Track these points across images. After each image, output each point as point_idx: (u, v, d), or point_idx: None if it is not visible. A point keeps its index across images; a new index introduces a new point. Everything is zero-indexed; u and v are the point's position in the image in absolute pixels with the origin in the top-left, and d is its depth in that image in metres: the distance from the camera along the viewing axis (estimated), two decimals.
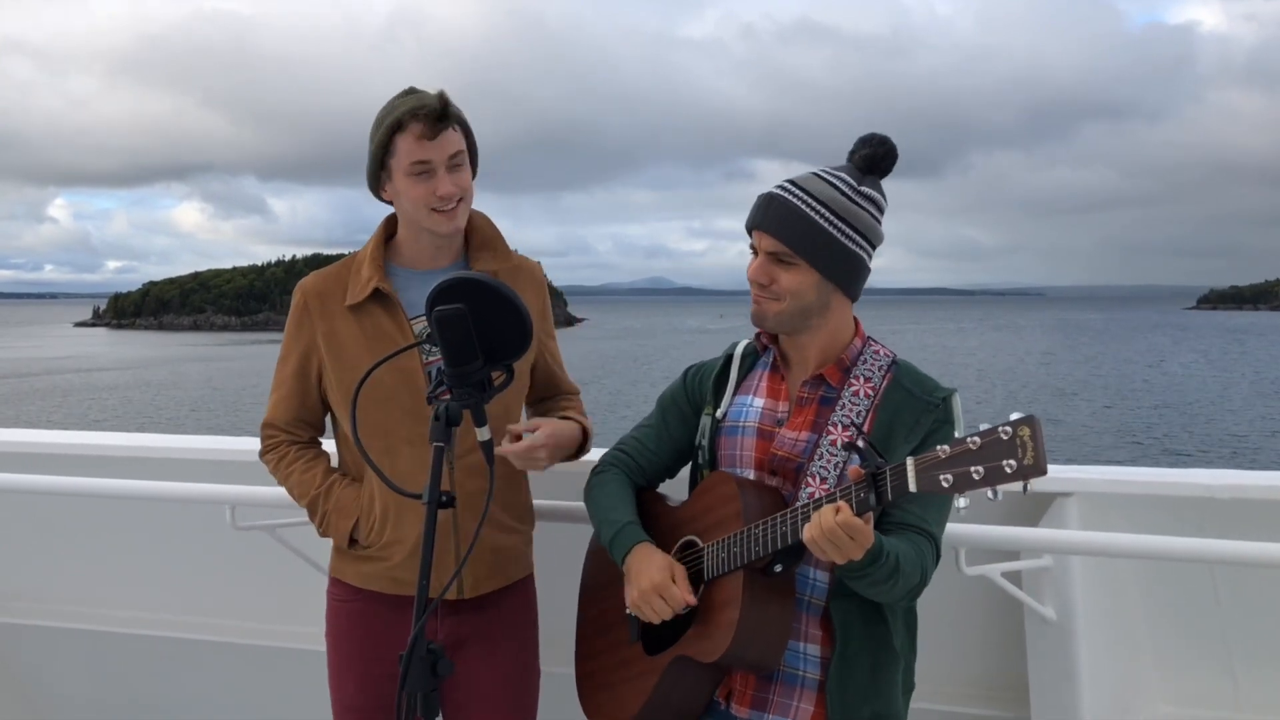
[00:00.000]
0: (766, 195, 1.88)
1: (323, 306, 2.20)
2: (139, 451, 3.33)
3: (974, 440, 1.51)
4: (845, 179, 1.87)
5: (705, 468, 2.02)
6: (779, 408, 1.96)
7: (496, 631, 2.25)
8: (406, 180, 2.09)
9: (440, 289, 1.64)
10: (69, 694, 3.49)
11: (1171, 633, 2.68)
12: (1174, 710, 2.68)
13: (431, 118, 2.06)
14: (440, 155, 2.09)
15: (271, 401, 2.29)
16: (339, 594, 2.28)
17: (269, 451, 2.30)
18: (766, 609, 1.82)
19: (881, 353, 1.96)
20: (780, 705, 1.90)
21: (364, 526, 2.17)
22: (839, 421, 1.87)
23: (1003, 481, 1.47)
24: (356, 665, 2.24)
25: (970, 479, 1.50)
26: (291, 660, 3.17)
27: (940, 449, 1.54)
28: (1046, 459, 1.46)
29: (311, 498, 2.21)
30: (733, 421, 1.98)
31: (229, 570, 3.22)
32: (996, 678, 2.74)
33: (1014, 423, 1.48)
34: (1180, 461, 24.81)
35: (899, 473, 1.59)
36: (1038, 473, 1.46)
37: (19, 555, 3.49)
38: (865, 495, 1.62)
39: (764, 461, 1.93)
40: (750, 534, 1.80)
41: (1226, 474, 2.59)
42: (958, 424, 1.89)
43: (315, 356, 2.21)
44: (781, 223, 1.85)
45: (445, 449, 1.62)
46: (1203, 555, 2.27)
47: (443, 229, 2.14)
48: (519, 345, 1.67)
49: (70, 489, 2.96)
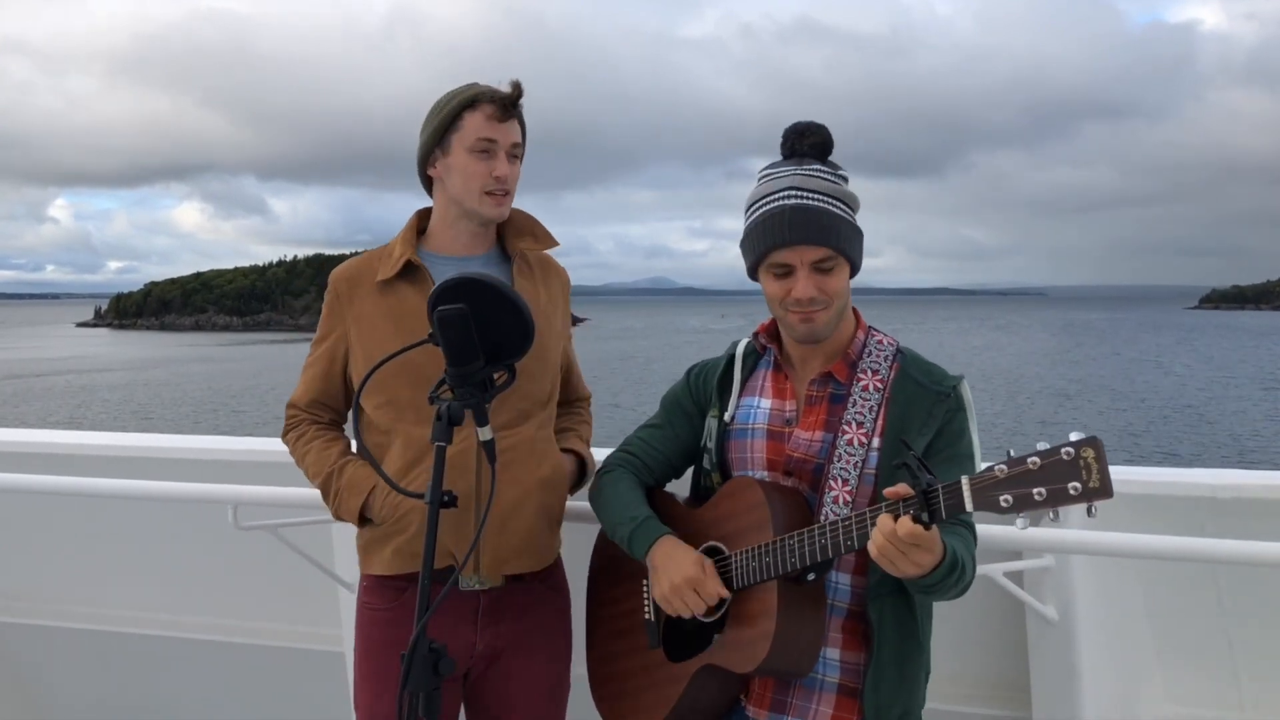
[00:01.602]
0: (786, 209, 1.83)
1: (352, 291, 2.21)
2: (141, 451, 3.33)
3: (1033, 460, 1.48)
4: (827, 172, 1.87)
5: (713, 471, 2.00)
6: (786, 407, 1.95)
7: (534, 643, 2.23)
8: (467, 156, 2.11)
9: (442, 289, 1.65)
10: (72, 694, 3.49)
11: (1173, 633, 2.68)
12: (1176, 710, 2.67)
13: (506, 103, 2.11)
14: (505, 139, 2.13)
15: (300, 383, 2.31)
16: (373, 601, 2.23)
17: (290, 430, 2.31)
18: (801, 618, 1.81)
19: (885, 342, 1.95)
20: (799, 708, 1.89)
21: (378, 499, 2.14)
22: (853, 419, 1.87)
23: (1066, 503, 1.45)
24: (390, 675, 2.16)
25: (1032, 500, 1.47)
26: (294, 659, 3.17)
27: (997, 467, 1.51)
28: (1112, 481, 1.43)
29: (325, 475, 2.20)
30: (741, 424, 1.97)
31: (231, 570, 3.23)
32: (998, 677, 2.74)
33: (1076, 444, 1.45)
34: (1182, 461, 24.78)
35: (954, 492, 1.55)
36: (1104, 495, 1.44)
37: (21, 555, 3.49)
38: (918, 513, 1.58)
39: (776, 463, 1.92)
40: (785, 545, 1.78)
41: (1229, 474, 2.58)
42: (969, 410, 1.88)
43: (344, 342, 2.23)
44: (823, 230, 1.83)
45: (447, 447, 1.62)
46: (1205, 555, 2.27)
47: (490, 212, 2.16)
48: (520, 345, 1.67)
49: (73, 489, 2.96)
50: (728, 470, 1.99)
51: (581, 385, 2.50)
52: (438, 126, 2.15)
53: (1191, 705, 2.66)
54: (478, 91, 2.13)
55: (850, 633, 1.89)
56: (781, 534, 1.80)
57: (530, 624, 2.22)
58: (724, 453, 1.99)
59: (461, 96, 2.13)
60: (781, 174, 1.87)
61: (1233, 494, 2.48)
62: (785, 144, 1.91)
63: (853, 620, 1.89)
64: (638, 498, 2.04)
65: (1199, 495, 2.51)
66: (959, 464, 1.85)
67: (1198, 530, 2.46)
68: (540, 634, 2.24)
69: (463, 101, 2.12)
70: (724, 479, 1.99)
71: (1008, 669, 2.70)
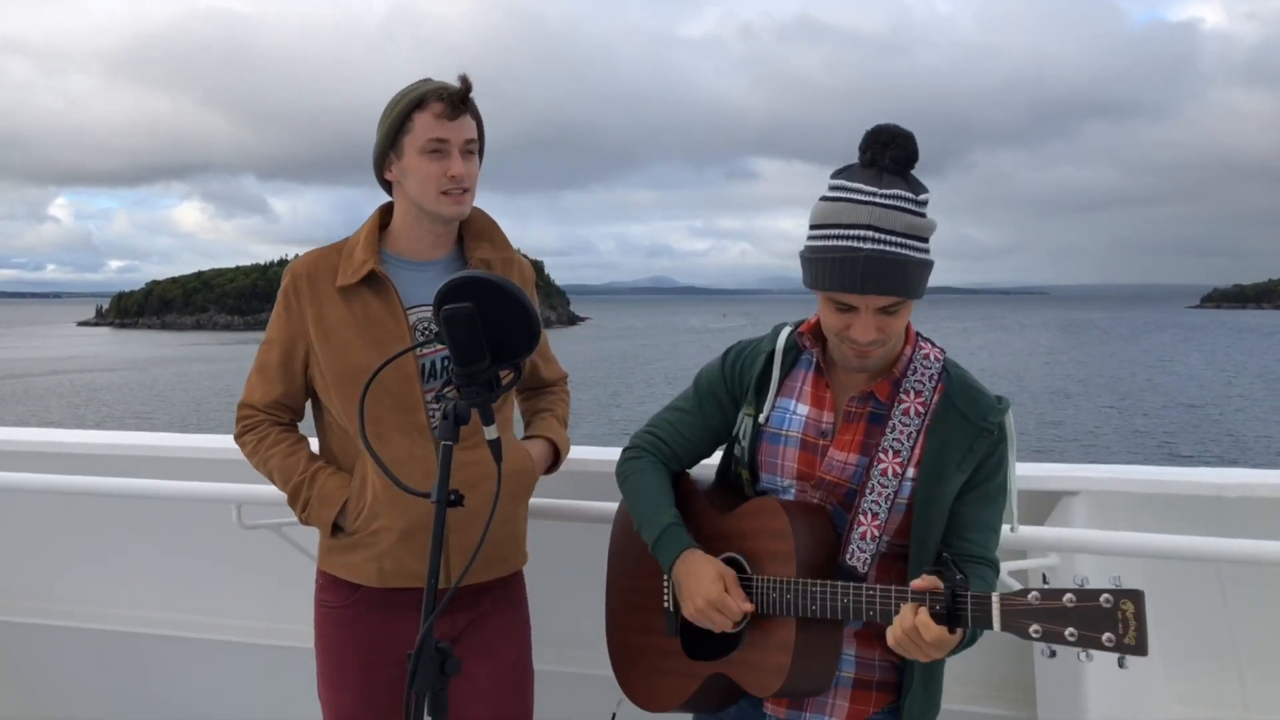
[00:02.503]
0: (861, 257, 1.69)
1: (312, 289, 2.17)
2: (144, 450, 3.33)
3: (1069, 598, 1.46)
4: (908, 198, 1.72)
5: (743, 466, 1.96)
6: (823, 418, 1.89)
7: (490, 630, 2.23)
8: (419, 158, 2.09)
9: (448, 287, 1.64)
10: (75, 692, 3.49)
11: (1179, 633, 2.67)
12: (1181, 710, 2.67)
13: (454, 99, 2.08)
14: (457, 137, 2.10)
15: (252, 383, 2.24)
16: (329, 599, 2.23)
17: (248, 432, 2.24)
18: (817, 651, 1.81)
19: (931, 357, 1.87)
20: (816, 702, 1.89)
21: (352, 511, 2.13)
22: (890, 447, 1.81)
23: (1097, 649, 1.43)
24: (353, 675, 2.19)
25: (1062, 638, 1.45)
26: (297, 659, 3.17)
27: (1032, 595, 1.49)
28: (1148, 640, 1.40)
29: (295, 484, 2.17)
30: (775, 428, 1.91)
31: (235, 569, 3.22)
32: (1003, 678, 2.74)
33: (1117, 593, 1.43)
34: (1187, 460, 24.76)
35: (982, 606, 1.55)
36: (1139, 653, 1.40)
37: (25, 554, 3.49)
38: (941, 610, 1.58)
39: (807, 474, 1.88)
40: (807, 591, 1.77)
41: (1234, 473, 2.58)
42: (1010, 440, 1.85)
43: (303, 341, 2.19)
44: (894, 280, 1.71)
45: (453, 446, 1.62)
46: (1210, 554, 2.27)
47: (448, 211, 2.13)
48: (527, 344, 1.67)
49: (76, 488, 2.96)
50: (757, 470, 1.95)
51: (556, 368, 2.49)
52: (388, 130, 2.11)
53: (1196, 705, 2.66)
54: (425, 90, 2.09)
55: (866, 637, 1.89)
56: (804, 570, 1.78)
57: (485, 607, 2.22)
58: (755, 453, 1.94)
59: (409, 97, 2.09)
60: (860, 199, 1.71)
61: (1238, 493, 2.48)
62: (865, 152, 1.75)
63: (868, 627, 1.88)
64: (664, 496, 1.99)
65: (1204, 494, 2.50)
66: (992, 500, 1.85)
67: (1203, 530, 2.45)
68: (498, 619, 2.24)
69: (410, 102, 2.08)
70: (753, 477, 1.96)
71: (1012, 669, 2.69)
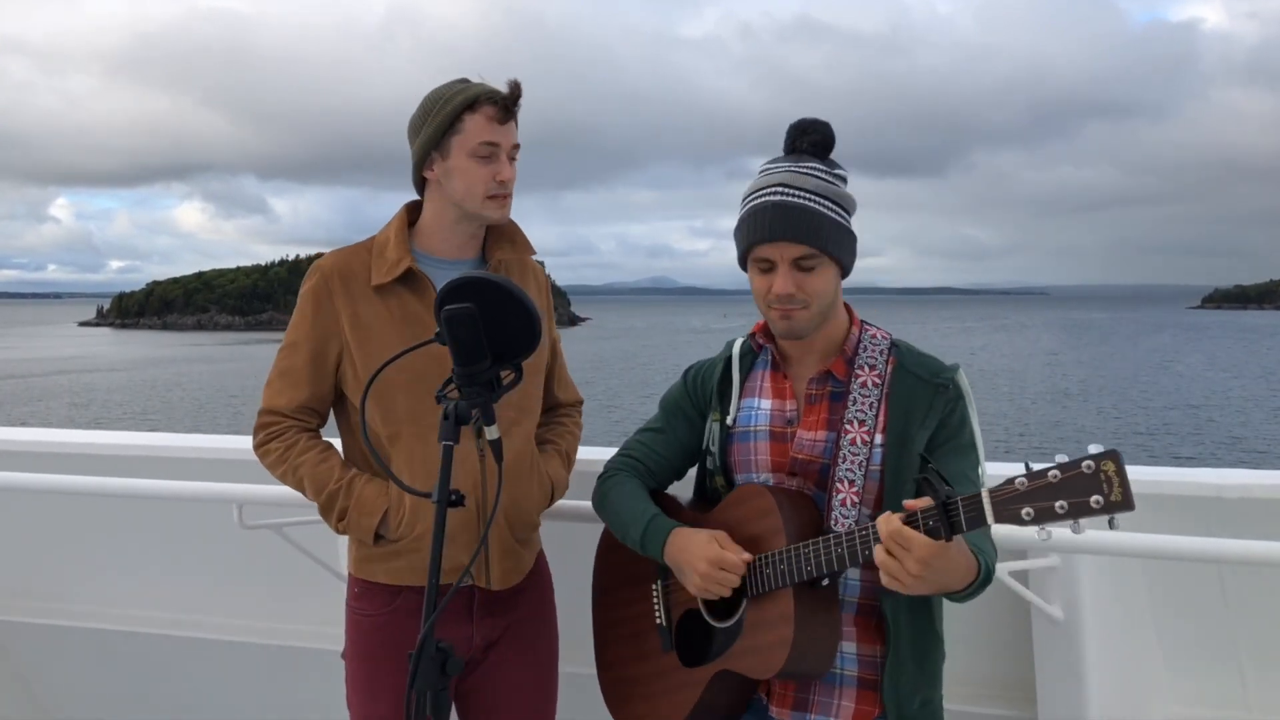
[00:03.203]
0: (769, 205, 1.83)
1: (345, 287, 2.12)
2: (146, 450, 3.34)
3: (1054, 474, 1.47)
4: (821, 169, 1.86)
5: (717, 474, 2.00)
6: (787, 407, 1.95)
7: (526, 632, 2.25)
8: (469, 160, 2.07)
9: (449, 288, 1.64)
10: (76, 692, 3.50)
11: (1179, 633, 2.67)
12: (1182, 710, 2.67)
13: (507, 104, 2.08)
14: (507, 142, 2.10)
15: (276, 387, 2.16)
16: (364, 606, 2.18)
17: (273, 439, 2.15)
18: (817, 623, 1.82)
19: (879, 336, 1.95)
20: (821, 704, 1.89)
21: (393, 519, 2.09)
22: (854, 418, 1.86)
23: (1088, 515, 1.44)
24: (389, 684, 2.14)
25: (1054, 512, 1.46)
26: (299, 658, 3.17)
27: (1018, 481, 1.50)
28: (1133, 494, 1.43)
29: (329, 492, 2.10)
30: (743, 427, 1.96)
31: (236, 569, 3.23)
32: (1004, 677, 2.74)
33: (1096, 456, 1.45)
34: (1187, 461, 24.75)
35: (974, 505, 1.53)
36: (1126, 508, 1.43)
37: (26, 554, 3.50)
38: (935, 524, 1.56)
39: (780, 464, 1.92)
40: (799, 554, 1.78)
41: (1235, 473, 2.58)
42: (968, 398, 1.88)
43: (336, 341, 2.13)
44: (802, 227, 1.82)
45: (454, 446, 1.62)
46: (1211, 555, 2.26)
47: (494, 214, 2.13)
48: (528, 345, 1.67)
49: (77, 488, 2.96)
50: (731, 473, 1.99)
51: (569, 389, 2.43)
52: (436, 129, 2.07)
53: (1197, 706, 2.66)
54: (478, 92, 2.06)
55: (865, 626, 1.89)
56: (794, 540, 1.80)
57: (521, 612, 2.24)
58: (727, 456, 1.98)
59: (461, 97, 2.05)
60: (775, 170, 1.87)
61: (1239, 494, 2.48)
62: (787, 140, 1.91)
63: (865, 614, 1.89)
64: (643, 498, 2.03)
65: (1205, 495, 2.50)
66: (963, 454, 1.86)
67: (1204, 530, 2.45)
68: (531, 620, 2.26)
69: (463, 103, 2.05)
70: (728, 482, 1.99)
71: (1013, 669, 2.69)
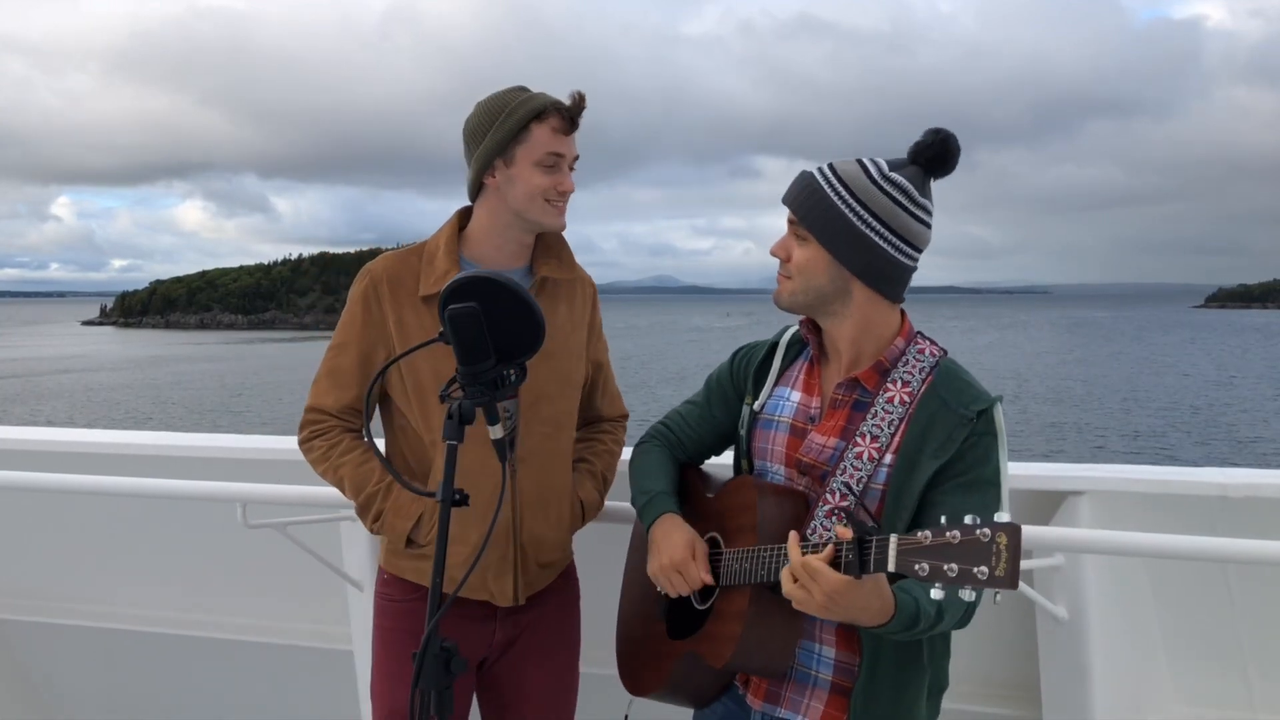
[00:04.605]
0: (800, 173, 1.87)
1: (394, 294, 2.15)
2: (150, 450, 3.33)
3: (954, 534, 1.45)
4: (878, 164, 1.80)
5: (743, 457, 2.00)
6: (812, 404, 1.93)
7: (548, 634, 2.27)
8: (533, 169, 2.09)
9: (453, 287, 1.64)
10: (81, 691, 3.50)
11: (1184, 632, 2.67)
12: (1186, 710, 2.67)
13: (572, 115, 2.10)
14: (570, 152, 2.13)
15: (323, 386, 2.20)
16: (392, 593, 2.23)
17: (317, 437, 2.19)
18: (770, 625, 1.82)
19: (927, 352, 1.87)
20: (791, 701, 1.90)
21: (425, 525, 2.13)
22: (868, 432, 1.82)
23: (972, 585, 1.43)
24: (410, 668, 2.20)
25: (944, 574, 1.45)
26: (302, 657, 3.18)
27: (923, 534, 1.48)
28: (1019, 573, 1.41)
29: (368, 494, 2.14)
30: (768, 415, 1.96)
31: (240, 568, 3.23)
32: (1008, 677, 2.74)
33: (994, 526, 1.43)
34: (1192, 460, 24.71)
35: (883, 549, 1.52)
36: (1007, 585, 1.41)
37: (31, 553, 3.50)
38: (852, 559, 1.56)
39: (794, 459, 1.91)
40: (760, 556, 1.79)
41: (1240, 473, 2.57)
42: (999, 434, 1.81)
43: (384, 346, 2.15)
44: (798, 195, 1.84)
45: (459, 446, 1.62)
46: (1216, 554, 2.26)
47: (553, 222, 2.15)
48: (531, 344, 1.67)
49: (81, 487, 2.97)
50: (753, 459, 1.99)
51: (615, 404, 2.43)
52: (504, 136, 2.09)
53: (1202, 705, 2.66)
54: (546, 102, 2.09)
55: (845, 633, 1.88)
56: (766, 542, 1.80)
57: (546, 609, 2.27)
58: (751, 440, 1.98)
59: (528, 106, 2.08)
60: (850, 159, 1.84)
61: (1244, 493, 2.47)
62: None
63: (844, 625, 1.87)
64: (661, 471, 2.06)
65: (1210, 494, 2.50)
66: (978, 491, 1.78)
67: (1209, 530, 2.45)
68: (554, 618, 2.29)
69: (531, 112, 2.07)
70: (750, 467, 2.00)
71: (1017, 668, 2.69)
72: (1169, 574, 2.65)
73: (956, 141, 1.79)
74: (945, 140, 1.79)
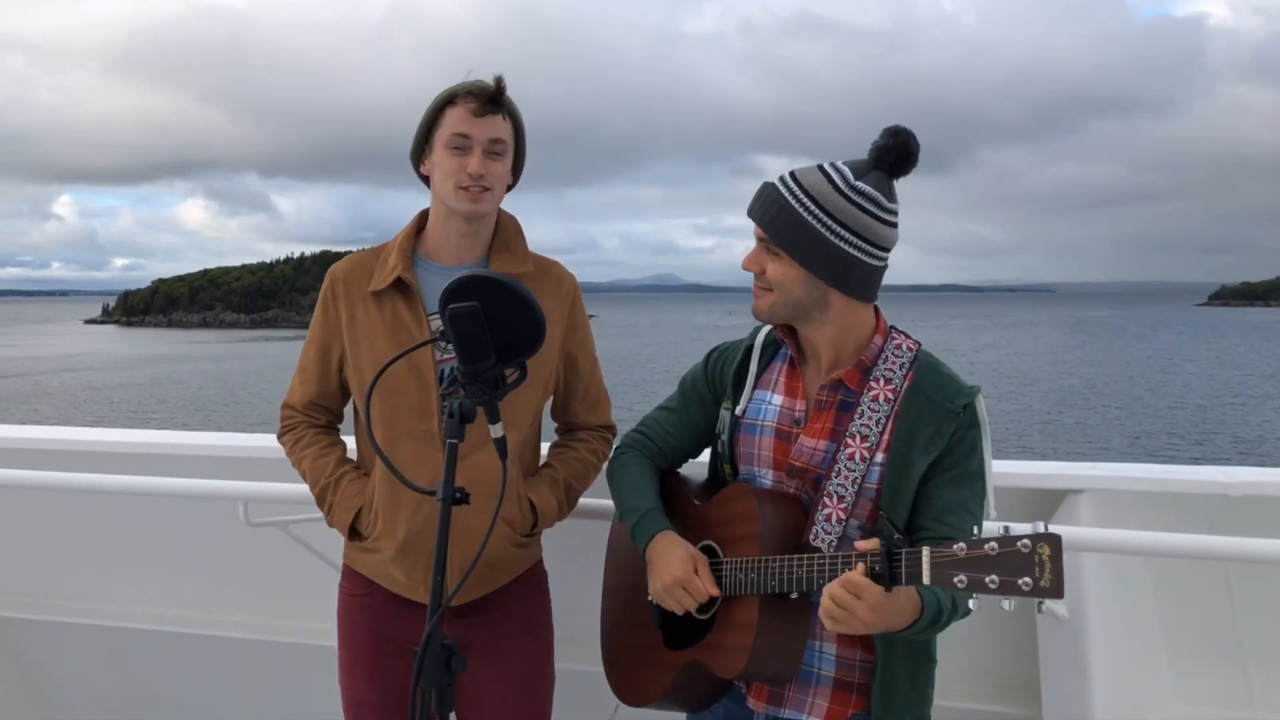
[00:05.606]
0: (763, 183, 1.86)
1: (347, 293, 2.21)
2: (152, 448, 3.34)
3: (992, 546, 1.47)
4: (842, 173, 1.78)
5: (724, 461, 2.01)
6: (796, 407, 1.93)
7: (506, 631, 2.24)
8: (444, 152, 2.11)
9: (454, 286, 1.65)
10: (82, 690, 3.51)
11: (1184, 631, 2.67)
12: (1187, 709, 2.67)
13: (483, 97, 2.10)
14: (481, 134, 2.10)
15: (293, 383, 2.31)
16: (350, 587, 2.29)
17: (287, 432, 2.31)
18: (781, 632, 1.83)
19: (904, 346, 1.88)
20: (796, 701, 1.91)
21: (365, 518, 2.18)
22: (857, 432, 1.83)
23: (1016, 595, 1.45)
24: (366, 660, 2.24)
25: (985, 585, 1.47)
26: (304, 656, 3.18)
27: (958, 546, 1.49)
28: (1064, 581, 1.44)
29: (322, 486, 2.23)
30: (751, 419, 1.96)
31: (242, 566, 3.23)
32: (1008, 675, 2.74)
33: (1035, 537, 1.45)
34: (1194, 459, 24.67)
35: (915, 560, 1.54)
36: (1054, 595, 1.44)
37: (32, 551, 3.51)
38: (881, 570, 1.57)
39: (782, 463, 1.91)
40: (768, 567, 1.79)
41: (1241, 471, 2.57)
42: (982, 426, 1.83)
43: (338, 343, 2.23)
44: (765, 212, 1.82)
45: (458, 445, 1.63)
46: (1216, 553, 2.26)
47: (464, 207, 2.12)
48: (532, 342, 1.67)
49: (83, 485, 2.97)
50: (737, 464, 1.99)
51: (598, 411, 2.37)
52: (423, 124, 2.15)
53: (1202, 704, 2.66)
54: (458, 87, 2.12)
55: None
56: (770, 550, 1.81)
57: (501, 613, 2.23)
58: (734, 445, 1.98)
59: (445, 93, 2.13)
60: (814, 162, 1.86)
61: (1245, 492, 2.47)
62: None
63: None
64: (646, 486, 2.05)
65: (1211, 493, 2.50)
66: (966, 484, 1.82)
67: (1210, 528, 2.45)
68: (515, 619, 2.25)
69: (444, 98, 2.12)
70: (734, 472, 2.00)
71: (1018, 666, 2.69)
72: (1169, 572, 2.65)
73: (915, 140, 1.79)
74: (904, 141, 1.78)
